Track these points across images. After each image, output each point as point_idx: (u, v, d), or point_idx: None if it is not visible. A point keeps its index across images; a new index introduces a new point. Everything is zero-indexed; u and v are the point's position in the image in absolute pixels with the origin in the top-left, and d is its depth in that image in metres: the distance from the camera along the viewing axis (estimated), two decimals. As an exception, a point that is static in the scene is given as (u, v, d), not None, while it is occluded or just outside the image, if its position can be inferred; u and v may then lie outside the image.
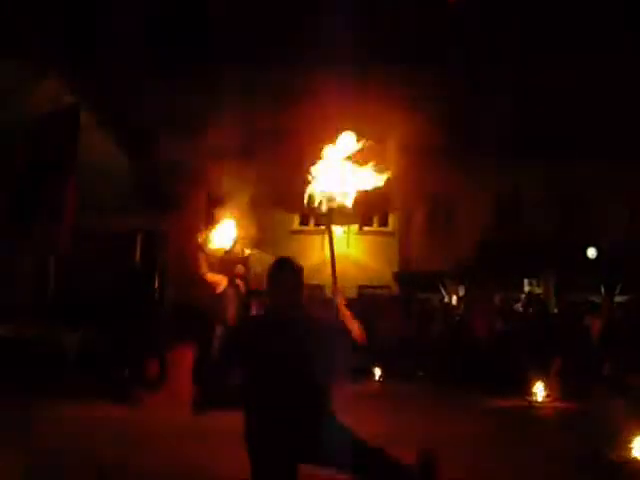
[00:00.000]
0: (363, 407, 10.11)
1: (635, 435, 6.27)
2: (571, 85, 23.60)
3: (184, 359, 9.94)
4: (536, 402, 10.83)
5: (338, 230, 26.38)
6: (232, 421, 4.30)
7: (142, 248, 12.24)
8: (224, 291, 9.54)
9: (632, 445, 6.12)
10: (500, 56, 23.41)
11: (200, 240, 9.55)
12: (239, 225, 9.97)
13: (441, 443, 6.85)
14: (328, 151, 4.73)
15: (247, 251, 10.66)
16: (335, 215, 4.73)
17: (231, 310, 9.36)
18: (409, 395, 12.45)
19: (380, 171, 4.73)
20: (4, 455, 4.86)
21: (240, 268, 10.08)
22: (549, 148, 25.07)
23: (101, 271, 15.64)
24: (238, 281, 9.88)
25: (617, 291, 19.18)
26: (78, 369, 11.48)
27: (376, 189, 5.02)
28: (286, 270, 4.04)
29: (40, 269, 12.68)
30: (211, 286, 9.50)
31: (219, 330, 9.09)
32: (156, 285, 10.69)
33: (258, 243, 18.73)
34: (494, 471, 5.55)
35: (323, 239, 26.38)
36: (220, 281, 9.58)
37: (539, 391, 11.03)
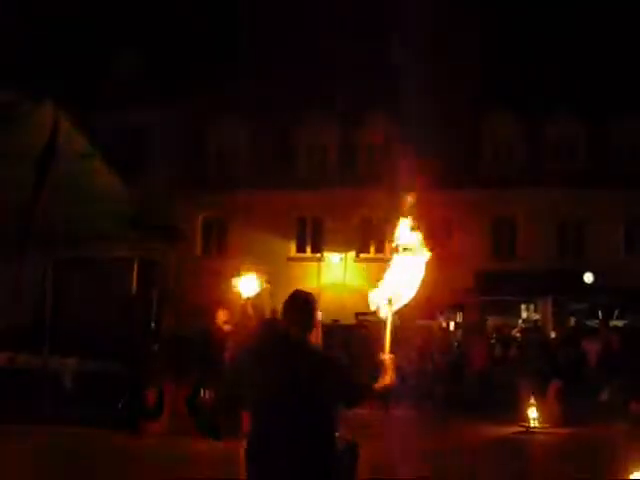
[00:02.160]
0: (363, 434, 10.07)
1: (635, 461, 6.25)
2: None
3: (181, 389, 9.93)
4: (534, 428, 10.79)
5: (335, 258, 26.42)
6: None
7: (138, 277, 12.21)
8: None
9: (632, 471, 6.09)
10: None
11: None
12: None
13: (440, 472, 6.84)
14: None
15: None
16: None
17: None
18: (409, 423, 12.40)
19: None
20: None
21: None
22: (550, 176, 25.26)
23: (98, 300, 15.63)
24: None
25: (614, 316, 19.20)
26: (74, 398, 11.44)
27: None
28: (297, 303, 4.10)
29: (36, 297, 12.66)
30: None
31: None
32: (153, 313, 10.66)
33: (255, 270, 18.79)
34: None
35: (319, 266, 26.41)
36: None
37: (537, 417, 10.99)
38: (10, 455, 5.63)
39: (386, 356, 4.20)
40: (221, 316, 10.14)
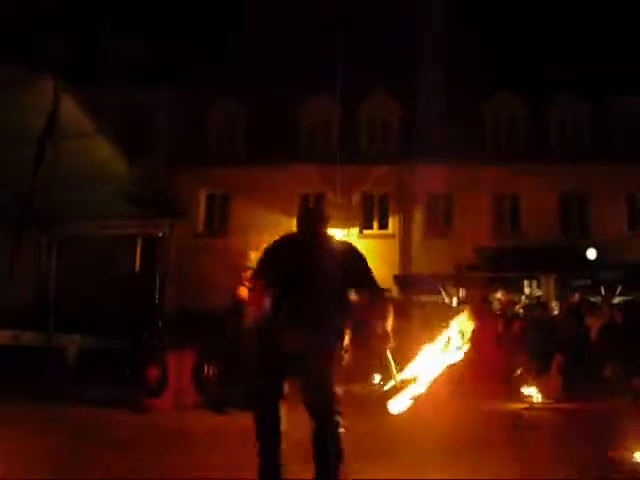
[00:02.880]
0: (363, 410, 10.12)
1: (636, 437, 6.27)
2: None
3: (185, 364, 9.95)
4: (536, 404, 10.82)
5: (338, 234, 26.41)
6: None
7: (142, 254, 12.23)
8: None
9: (633, 446, 6.12)
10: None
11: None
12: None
13: (442, 446, 6.86)
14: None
15: None
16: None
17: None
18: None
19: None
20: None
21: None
22: (550, 151, 25.19)
23: (101, 278, 15.67)
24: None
25: (617, 292, 19.20)
26: (78, 374, 11.50)
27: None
28: (311, 212, 5.07)
29: (39, 274, 12.70)
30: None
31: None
32: (156, 290, 10.68)
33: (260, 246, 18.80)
34: (495, 474, 5.55)
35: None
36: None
37: (539, 393, 11.02)
38: (15, 433, 5.66)
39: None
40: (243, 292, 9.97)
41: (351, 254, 4.87)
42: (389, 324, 5.03)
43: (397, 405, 5.04)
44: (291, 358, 4.44)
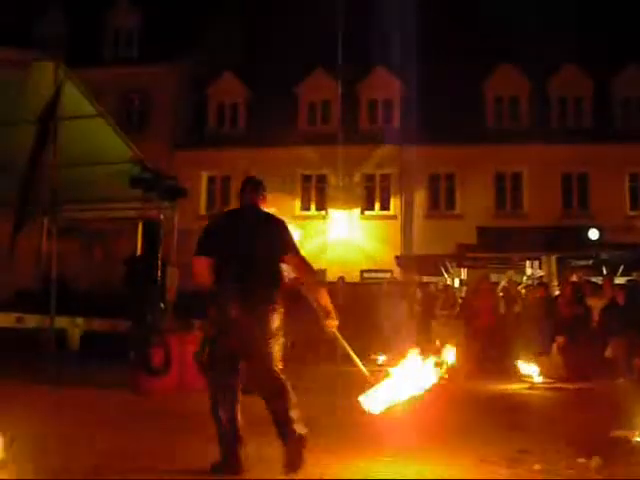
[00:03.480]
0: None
1: (637, 416, 6.29)
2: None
3: (188, 346, 9.97)
4: (538, 384, 10.86)
5: (339, 215, 26.42)
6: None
7: (143, 235, 12.23)
8: None
9: (635, 426, 6.14)
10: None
11: None
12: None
13: (443, 428, 6.89)
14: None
15: None
16: None
17: None
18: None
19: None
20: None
21: None
22: (552, 130, 25.12)
23: (103, 258, 15.71)
24: None
25: (619, 272, 19.20)
26: (81, 356, 11.55)
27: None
28: (247, 185, 5.51)
29: (40, 257, 12.71)
30: None
31: None
32: (158, 272, 10.69)
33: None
34: (495, 454, 5.58)
35: (324, 224, 26.44)
36: None
37: (541, 373, 11.06)
38: (18, 414, 5.68)
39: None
40: None
41: (280, 225, 5.27)
42: (324, 297, 5.19)
43: (373, 404, 5.12)
44: (235, 322, 4.83)
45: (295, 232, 5.81)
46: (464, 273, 22.41)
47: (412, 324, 15.03)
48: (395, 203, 26.80)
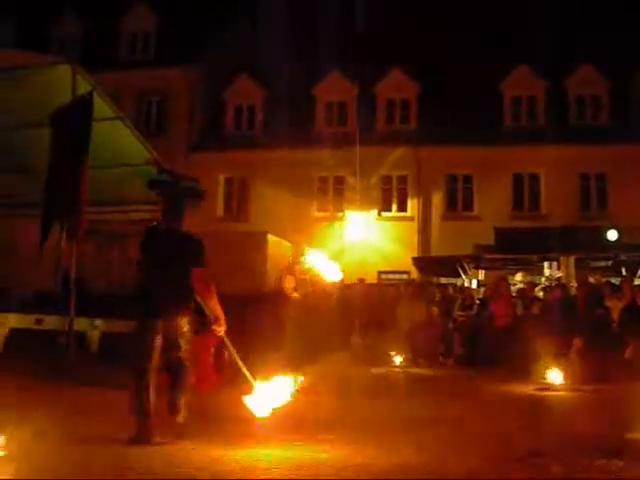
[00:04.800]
0: (382, 391, 10.16)
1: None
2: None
3: (206, 347, 9.99)
4: (556, 386, 10.80)
5: (356, 216, 26.41)
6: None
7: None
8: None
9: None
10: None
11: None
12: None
13: (461, 429, 6.88)
14: None
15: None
16: None
17: None
18: (429, 380, 12.47)
19: None
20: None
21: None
22: (570, 130, 25.01)
23: (121, 260, 15.78)
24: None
25: (638, 273, 19.08)
26: (100, 357, 11.61)
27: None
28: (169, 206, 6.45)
29: (59, 258, 12.78)
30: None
31: None
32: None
33: (279, 230, 18.83)
34: (513, 455, 5.56)
35: (342, 225, 26.46)
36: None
37: (559, 375, 10.98)
38: (39, 416, 5.72)
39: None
40: (289, 282, 10.82)
41: (194, 242, 6.25)
42: (213, 304, 6.21)
43: (258, 406, 6.03)
44: (160, 314, 5.96)
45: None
46: (482, 274, 22.34)
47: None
48: (412, 204, 26.76)
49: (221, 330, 6.27)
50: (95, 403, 8.05)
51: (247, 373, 6.34)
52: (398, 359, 13.94)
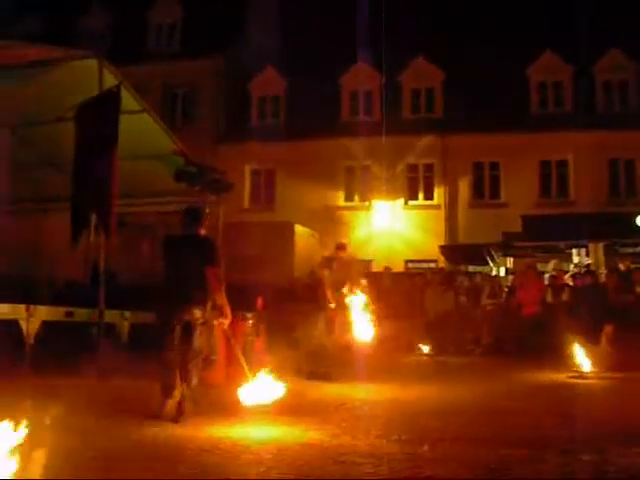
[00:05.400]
0: (409, 378, 10.17)
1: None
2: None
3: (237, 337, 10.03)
4: (587, 373, 10.74)
5: (383, 206, 26.36)
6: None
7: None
8: None
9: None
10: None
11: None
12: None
13: (496, 415, 6.88)
14: None
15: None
16: None
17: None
18: (458, 369, 12.46)
19: None
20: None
21: None
22: (597, 115, 24.75)
23: (149, 252, 15.87)
24: None
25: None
26: (130, 349, 11.70)
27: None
28: (187, 216, 7.28)
29: (90, 252, 12.91)
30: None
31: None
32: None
33: (306, 220, 18.88)
34: (545, 442, 5.55)
35: (368, 214, 26.42)
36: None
37: (590, 362, 10.92)
38: (74, 409, 5.80)
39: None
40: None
41: (210, 245, 7.17)
42: (221, 299, 6.90)
43: (249, 396, 6.71)
44: (178, 314, 6.76)
45: None
46: (510, 262, 22.23)
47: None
48: (439, 192, 26.65)
49: (226, 322, 7.01)
50: (124, 391, 8.14)
51: (245, 365, 7.07)
52: (426, 348, 13.95)
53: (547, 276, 17.69)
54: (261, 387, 6.78)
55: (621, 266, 16.30)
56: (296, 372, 9.88)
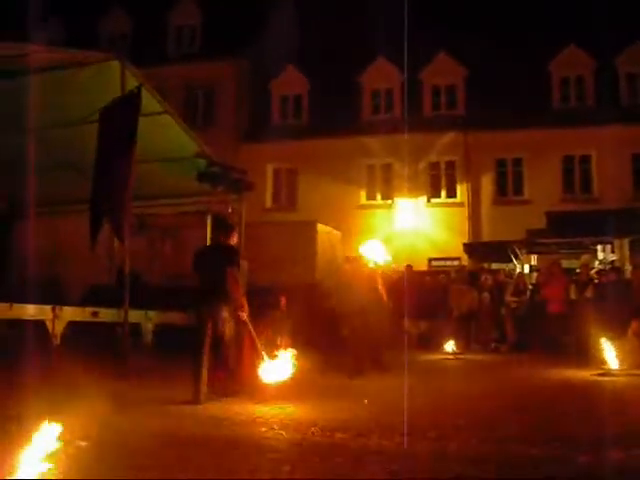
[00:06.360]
0: (433, 376, 10.15)
1: None
2: None
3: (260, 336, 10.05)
4: (613, 370, 10.65)
5: (405, 204, 26.31)
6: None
7: (212, 230, 12.41)
8: None
9: None
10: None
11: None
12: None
13: (518, 412, 6.84)
14: None
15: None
16: None
17: None
18: (483, 367, 12.41)
19: None
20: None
21: None
22: (621, 110, 24.53)
23: (173, 252, 15.95)
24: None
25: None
26: (155, 349, 11.78)
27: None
28: (218, 228, 9.01)
29: (112, 252, 12.99)
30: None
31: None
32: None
33: (328, 219, 18.84)
34: (574, 441, 5.51)
35: (390, 212, 26.38)
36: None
37: (616, 359, 10.83)
38: (100, 410, 5.85)
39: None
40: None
41: (231, 251, 8.21)
42: (238, 295, 7.90)
43: (269, 375, 7.87)
44: (209, 310, 7.88)
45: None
46: (534, 259, 22.08)
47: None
48: (461, 190, 26.54)
49: (244, 315, 7.97)
50: (153, 387, 8.21)
51: (264, 353, 8.04)
52: (451, 346, 13.90)
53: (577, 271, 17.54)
54: (278, 366, 7.88)
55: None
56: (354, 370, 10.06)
